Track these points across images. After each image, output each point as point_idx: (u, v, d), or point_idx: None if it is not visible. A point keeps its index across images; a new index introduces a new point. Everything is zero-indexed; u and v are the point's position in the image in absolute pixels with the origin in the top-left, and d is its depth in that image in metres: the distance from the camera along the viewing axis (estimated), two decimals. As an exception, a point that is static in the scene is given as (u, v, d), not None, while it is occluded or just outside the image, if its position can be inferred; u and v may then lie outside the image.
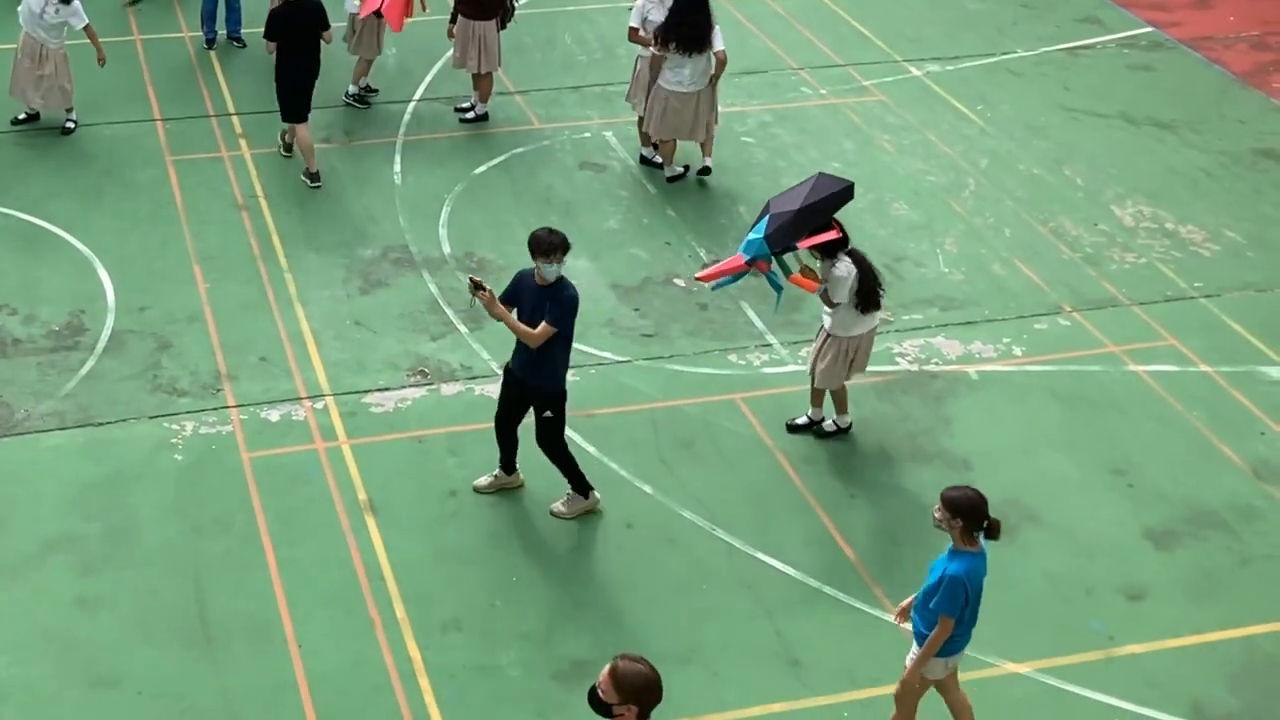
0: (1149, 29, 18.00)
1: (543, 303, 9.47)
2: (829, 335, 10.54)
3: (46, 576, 9.36)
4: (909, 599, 8.22)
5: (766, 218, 10.09)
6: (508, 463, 10.20)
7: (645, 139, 14.23)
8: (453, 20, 14.58)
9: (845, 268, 10.27)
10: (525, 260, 12.71)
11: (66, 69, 14.14)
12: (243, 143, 14.48)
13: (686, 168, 14.10)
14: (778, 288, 10.23)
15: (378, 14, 14.12)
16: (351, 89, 15.04)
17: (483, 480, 10.26)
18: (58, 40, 13.97)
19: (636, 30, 13.73)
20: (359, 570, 9.56)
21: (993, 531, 7.84)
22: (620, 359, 11.67)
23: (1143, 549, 10.10)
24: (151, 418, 10.77)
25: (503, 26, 14.65)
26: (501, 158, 14.43)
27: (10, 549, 9.55)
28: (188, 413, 10.85)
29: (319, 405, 11.03)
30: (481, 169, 14.24)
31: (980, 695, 8.83)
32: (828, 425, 10.92)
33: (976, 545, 7.85)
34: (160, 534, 9.75)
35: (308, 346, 11.66)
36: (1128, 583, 9.81)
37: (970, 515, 7.76)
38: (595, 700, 6.07)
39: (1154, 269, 13.19)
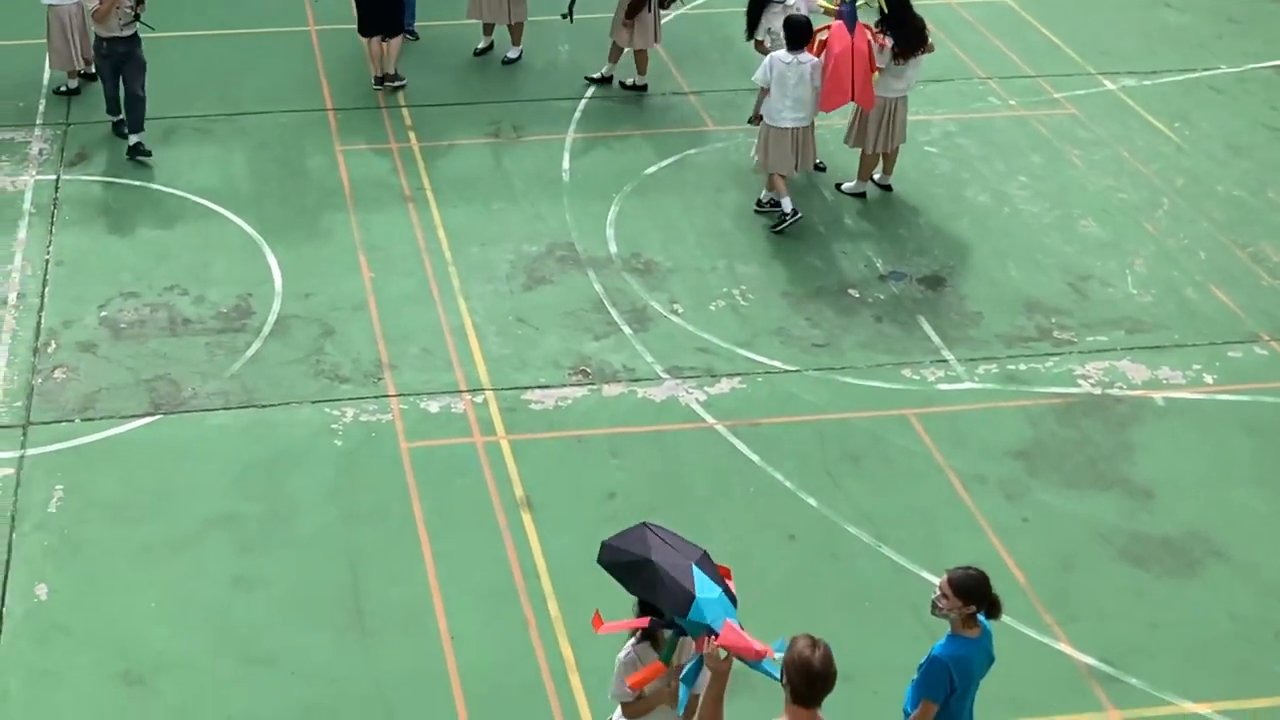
0: (1366, 48, 17.58)
1: None
2: None
3: (207, 553, 9.79)
4: None
5: (699, 572, 7.03)
6: None
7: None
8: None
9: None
10: (693, 262, 13.03)
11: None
12: (411, 135, 14.92)
13: (864, 194, 14.15)
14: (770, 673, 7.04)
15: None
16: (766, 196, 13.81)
17: None
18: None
19: (762, 41, 14.17)
20: (514, 566, 9.81)
21: (994, 611, 7.35)
22: (789, 368, 11.77)
23: (1339, 593, 9.90)
24: (313, 403, 11.18)
25: (664, 5, 15.41)
26: (673, 159, 14.64)
27: (173, 524, 10.01)
28: (349, 399, 11.23)
29: (479, 399, 11.32)
30: (652, 169, 14.47)
31: (1155, 733, 8.80)
32: None
33: (976, 630, 7.41)
34: (318, 518, 10.12)
35: (469, 340, 11.98)
36: (1321, 627, 9.64)
37: (981, 599, 7.31)
38: None
39: (1362, 300, 12.91)
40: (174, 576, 9.60)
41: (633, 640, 7.23)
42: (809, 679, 6.60)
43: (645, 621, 7.06)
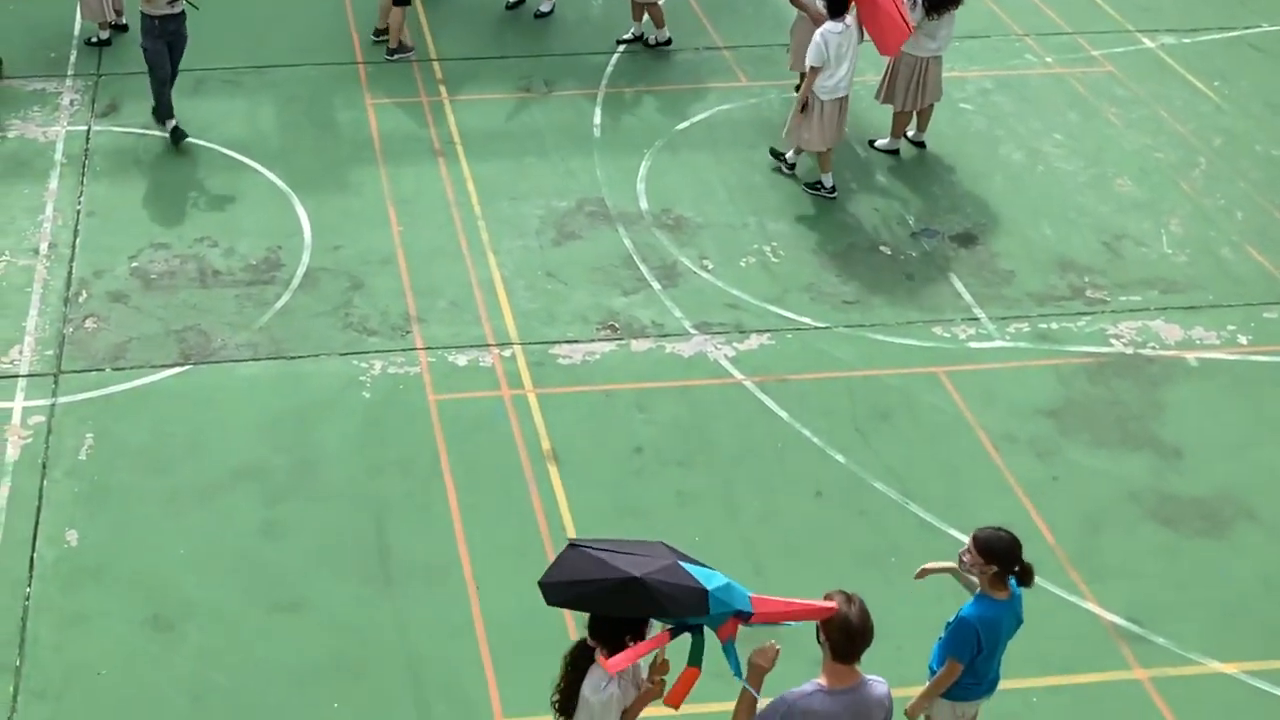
0: None
1: None
2: None
3: (235, 502, 9.92)
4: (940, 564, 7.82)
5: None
6: None
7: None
8: None
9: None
10: (724, 218, 13.05)
11: None
12: (442, 89, 14.96)
13: (898, 150, 14.12)
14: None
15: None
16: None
17: None
18: None
19: None
20: (540, 519, 9.90)
21: (1025, 578, 7.37)
22: (820, 325, 11.80)
23: (1370, 555, 9.90)
24: (341, 355, 11.28)
25: None
26: (706, 114, 14.65)
27: (202, 473, 10.14)
28: (377, 352, 11.32)
29: (506, 353, 11.40)
30: (684, 125, 14.48)
31: (1181, 694, 8.83)
32: None
33: (1005, 592, 7.44)
34: (345, 469, 10.23)
35: (498, 294, 12.04)
36: (1351, 589, 9.64)
37: (1004, 560, 7.32)
38: None
39: (1401, 262, 12.84)
40: (202, 524, 9.73)
41: (602, 668, 6.67)
42: (849, 635, 6.57)
43: (667, 638, 6.54)
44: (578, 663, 6.82)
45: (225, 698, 8.60)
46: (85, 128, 13.99)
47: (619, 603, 6.49)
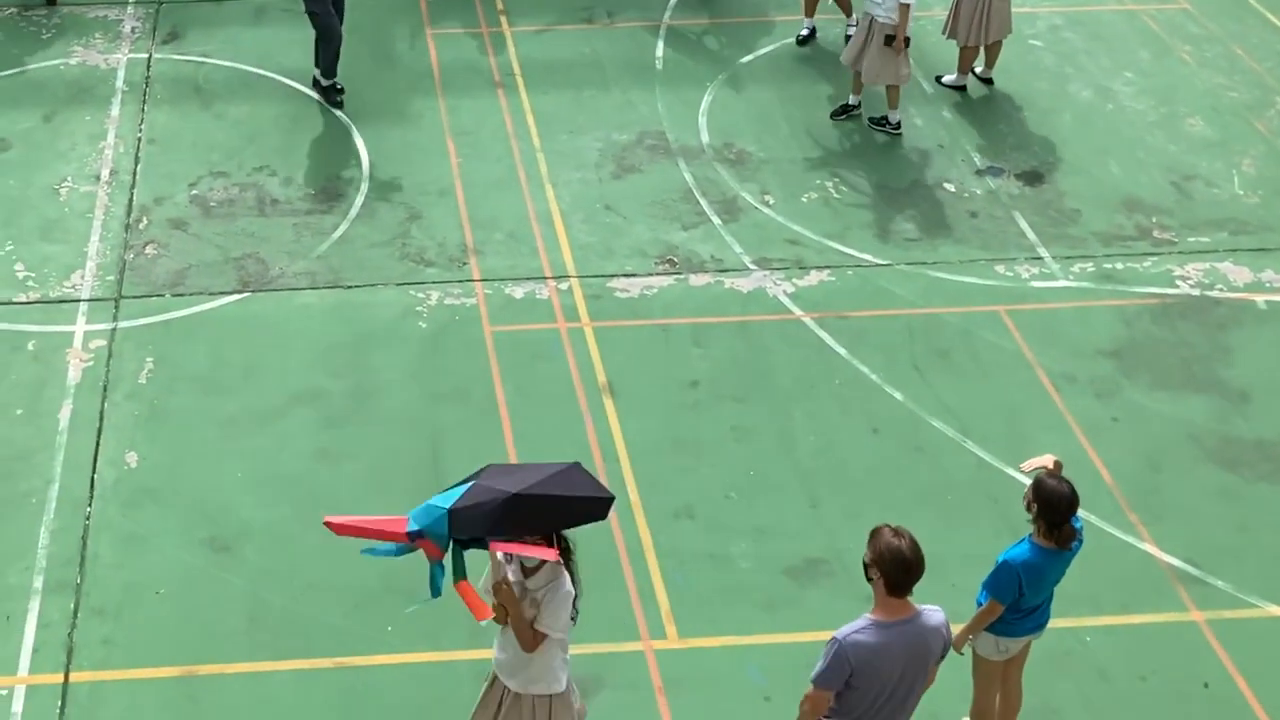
0: None
1: None
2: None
3: (292, 426, 10.13)
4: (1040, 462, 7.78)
5: (469, 485, 7.04)
6: None
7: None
8: None
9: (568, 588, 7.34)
10: (786, 154, 13.08)
11: None
12: (503, 19, 15.04)
13: (964, 86, 14.08)
14: (435, 589, 7.26)
15: None
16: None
17: None
18: None
19: None
20: (594, 450, 10.04)
21: (1061, 537, 7.45)
22: (881, 262, 11.84)
23: None
24: (398, 285, 11.44)
25: None
26: (770, 48, 14.66)
27: (260, 398, 10.35)
28: (434, 283, 11.48)
29: (563, 286, 11.52)
30: (748, 58, 14.50)
31: (1238, 636, 8.88)
32: None
33: (1052, 544, 7.49)
34: (401, 397, 10.41)
35: (556, 227, 12.15)
36: None
37: (1047, 505, 7.40)
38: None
39: None
40: (260, 448, 9.95)
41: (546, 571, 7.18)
42: (903, 567, 6.65)
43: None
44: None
45: (280, 618, 8.83)
46: (146, 55, 14.19)
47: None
